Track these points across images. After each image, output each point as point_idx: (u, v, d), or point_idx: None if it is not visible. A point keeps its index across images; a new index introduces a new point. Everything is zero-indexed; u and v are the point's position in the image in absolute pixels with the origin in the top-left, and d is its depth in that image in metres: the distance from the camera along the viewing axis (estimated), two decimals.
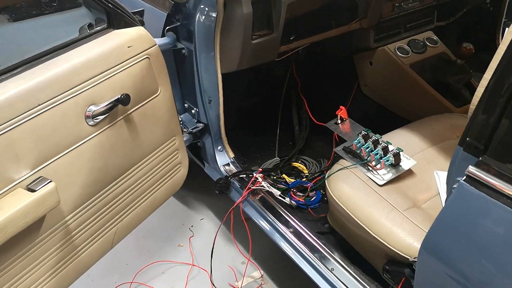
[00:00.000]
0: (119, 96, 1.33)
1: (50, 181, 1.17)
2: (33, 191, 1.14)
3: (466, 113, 1.84)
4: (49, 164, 1.21)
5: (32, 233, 1.20)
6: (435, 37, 2.33)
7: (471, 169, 0.86)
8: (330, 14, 2.01)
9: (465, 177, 0.87)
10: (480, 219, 0.88)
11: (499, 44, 2.50)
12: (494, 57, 0.88)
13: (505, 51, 0.85)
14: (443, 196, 1.44)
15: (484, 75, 0.89)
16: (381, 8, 2.11)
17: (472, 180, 0.86)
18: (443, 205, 1.39)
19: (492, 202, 0.84)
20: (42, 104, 1.18)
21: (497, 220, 0.85)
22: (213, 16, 1.65)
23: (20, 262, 1.20)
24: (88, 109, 1.29)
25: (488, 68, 0.88)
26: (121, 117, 1.39)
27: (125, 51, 1.38)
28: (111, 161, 1.39)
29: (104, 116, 1.32)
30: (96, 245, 1.43)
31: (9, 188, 1.13)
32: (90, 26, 1.46)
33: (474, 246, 0.90)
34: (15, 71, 1.19)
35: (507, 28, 2.55)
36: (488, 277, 0.90)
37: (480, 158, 0.87)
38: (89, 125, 1.30)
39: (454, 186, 0.90)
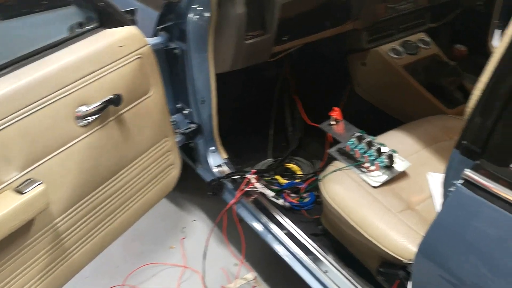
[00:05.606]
0: (111, 97, 1.31)
1: (40, 183, 1.15)
2: (22, 193, 1.12)
3: (459, 114, 1.85)
4: (38, 165, 1.19)
5: (21, 235, 1.18)
6: (427, 39, 2.33)
7: (468, 172, 0.86)
8: (324, 15, 2.00)
9: (461, 180, 0.87)
10: (477, 222, 0.87)
11: (490, 46, 2.51)
12: (490, 59, 0.87)
13: (502, 54, 0.84)
14: (436, 198, 1.43)
15: (481, 78, 0.88)
16: (375, 10, 2.11)
17: (469, 183, 0.86)
18: (436, 207, 1.41)
19: (488, 205, 0.83)
20: (31, 104, 1.15)
21: (494, 223, 0.85)
22: (206, 16, 1.63)
23: (9, 265, 1.17)
24: (78, 110, 1.26)
25: (484, 71, 0.88)
26: (113, 117, 1.37)
27: (117, 50, 1.36)
28: (102, 162, 1.37)
29: (95, 116, 1.30)
30: (86, 247, 1.41)
31: None
32: (80, 24, 1.44)
33: (470, 250, 0.89)
34: (4, 71, 1.16)
35: (496, 30, 2.56)
36: (483, 280, 0.89)
37: (477, 161, 0.86)
38: (80, 125, 1.28)
39: (451, 189, 0.90)
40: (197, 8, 1.64)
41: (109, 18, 1.39)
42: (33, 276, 1.25)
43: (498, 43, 0.87)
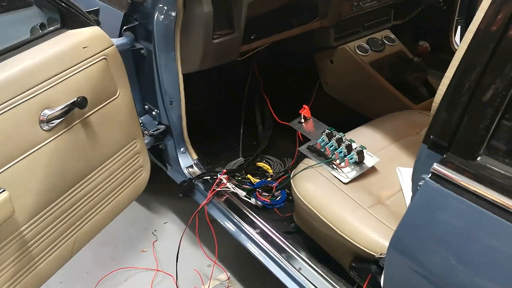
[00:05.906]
0: (76, 99, 1.27)
1: (3, 190, 1.10)
2: None
3: (424, 109, 1.90)
4: (1, 172, 1.14)
5: None
6: (392, 36, 2.38)
7: (436, 166, 0.87)
8: (291, 13, 2.01)
9: (430, 174, 0.89)
10: (446, 215, 0.89)
11: (452, 42, 2.57)
12: (455, 55, 0.89)
13: (466, 50, 0.86)
14: (406, 192, 1.46)
15: (446, 74, 0.90)
16: (341, 7, 2.13)
17: (437, 177, 0.88)
18: (406, 201, 1.44)
19: (457, 198, 0.85)
20: None
21: (462, 215, 0.87)
22: (173, 15, 1.61)
23: None
24: (42, 113, 1.23)
25: (449, 66, 0.90)
26: (78, 120, 1.34)
27: (81, 52, 1.33)
28: (68, 167, 1.33)
29: (60, 120, 1.26)
30: (55, 255, 1.37)
31: None
32: (42, 26, 1.40)
33: (439, 242, 0.91)
34: None
35: (459, 27, 2.64)
36: (452, 271, 0.92)
37: (444, 155, 0.88)
38: (44, 130, 1.24)
39: (420, 183, 0.92)
40: (163, 7, 1.61)
41: (72, 19, 1.35)
42: None
43: (460, 39, 0.89)
